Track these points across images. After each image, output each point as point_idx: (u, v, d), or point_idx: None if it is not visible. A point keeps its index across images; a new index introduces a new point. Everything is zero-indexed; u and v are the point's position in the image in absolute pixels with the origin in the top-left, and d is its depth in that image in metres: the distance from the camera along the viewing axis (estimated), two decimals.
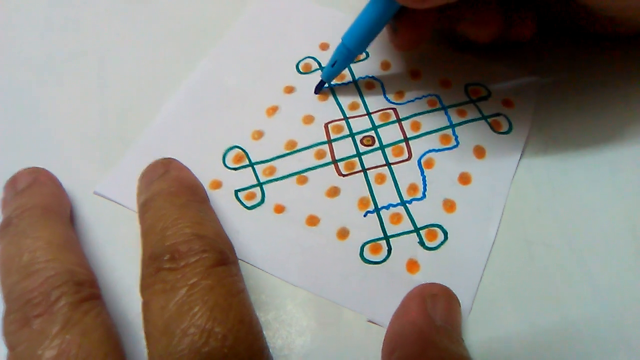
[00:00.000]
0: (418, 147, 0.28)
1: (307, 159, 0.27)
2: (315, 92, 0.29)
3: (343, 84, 0.30)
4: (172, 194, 0.23)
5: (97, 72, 0.31)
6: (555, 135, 0.28)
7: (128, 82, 0.30)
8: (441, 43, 0.31)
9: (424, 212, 0.26)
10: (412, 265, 0.24)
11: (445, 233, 0.25)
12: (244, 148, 0.28)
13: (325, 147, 0.28)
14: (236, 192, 0.26)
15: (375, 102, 0.29)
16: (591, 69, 0.30)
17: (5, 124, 0.29)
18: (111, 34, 0.33)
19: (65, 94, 0.30)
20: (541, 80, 0.30)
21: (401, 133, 0.28)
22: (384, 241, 0.25)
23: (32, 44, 0.32)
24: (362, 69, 0.30)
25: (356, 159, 0.27)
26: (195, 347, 0.18)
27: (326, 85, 0.29)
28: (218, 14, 0.33)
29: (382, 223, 0.25)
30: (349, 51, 0.28)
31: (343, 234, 0.25)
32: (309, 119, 0.29)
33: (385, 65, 0.31)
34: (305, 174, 0.27)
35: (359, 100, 0.29)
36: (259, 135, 0.28)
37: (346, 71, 0.30)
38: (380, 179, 0.27)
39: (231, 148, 0.28)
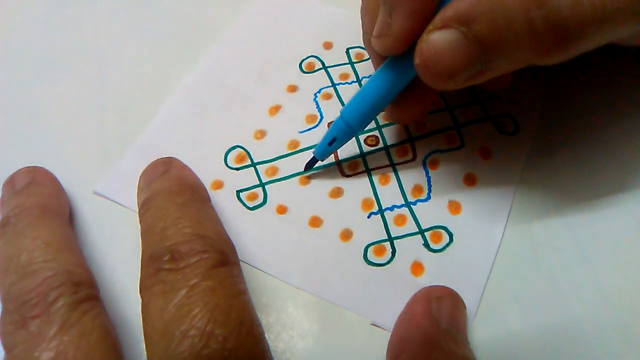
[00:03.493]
0: (423, 147, 0.27)
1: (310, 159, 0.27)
2: (305, 170, 0.26)
3: (347, 83, 0.30)
4: (172, 193, 0.22)
5: (96, 70, 0.31)
6: (562, 136, 0.27)
7: (128, 80, 0.30)
8: None
9: (428, 214, 0.25)
10: (417, 268, 0.24)
11: (451, 235, 0.25)
12: (246, 148, 0.27)
13: None
14: (238, 192, 0.26)
15: None
16: (599, 68, 0.29)
17: (4, 122, 0.29)
18: (111, 32, 0.32)
19: (64, 92, 0.30)
20: (548, 79, 0.29)
21: (406, 133, 0.28)
22: (388, 243, 0.24)
23: (32, 43, 0.32)
24: (365, 68, 0.30)
25: (360, 159, 0.27)
26: (195, 350, 0.17)
27: (318, 163, 0.26)
28: (219, 11, 0.33)
29: (386, 224, 0.25)
30: (350, 128, 0.25)
31: (346, 235, 0.25)
32: (312, 119, 0.28)
33: None
34: (308, 174, 0.26)
35: None
36: (261, 134, 0.28)
37: (350, 70, 0.30)
38: (385, 179, 0.26)
39: (233, 148, 0.27)
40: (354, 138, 0.27)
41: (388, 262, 0.24)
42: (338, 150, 0.27)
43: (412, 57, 0.21)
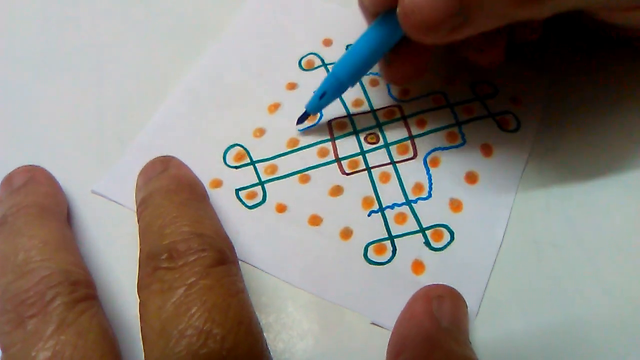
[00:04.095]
0: (424, 145, 0.27)
1: (310, 157, 0.27)
2: (298, 123, 0.27)
3: None
4: (170, 192, 0.22)
5: (95, 69, 0.31)
6: (564, 133, 0.27)
7: (126, 78, 0.30)
8: None
9: (429, 212, 0.25)
10: (418, 266, 0.24)
11: (452, 233, 0.24)
12: (245, 146, 0.27)
13: (329, 144, 0.27)
14: (237, 191, 0.26)
15: (380, 99, 0.29)
16: (602, 66, 0.29)
17: (1, 121, 0.29)
18: (109, 31, 0.32)
19: (63, 91, 0.30)
20: (550, 77, 0.29)
21: (406, 131, 0.27)
22: (389, 241, 0.24)
23: (30, 41, 0.32)
24: None
25: (360, 157, 0.27)
26: (193, 349, 0.17)
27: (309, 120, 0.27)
28: (217, 8, 0.33)
29: (387, 223, 0.25)
30: (341, 83, 0.26)
31: (346, 234, 0.25)
32: (311, 117, 0.28)
33: None
34: (307, 172, 0.26)
35: (363, 97, 0.29)
36: (260, 132, 0.28)
37: None
38: (385, 177, 0.26)
39: (232, 146, 0.27)
40: (354, 136, 0.27)
41: (388, 261, 0.24)
42: (338, 148, 0.27)
43: None
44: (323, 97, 0.26)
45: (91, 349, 0.18)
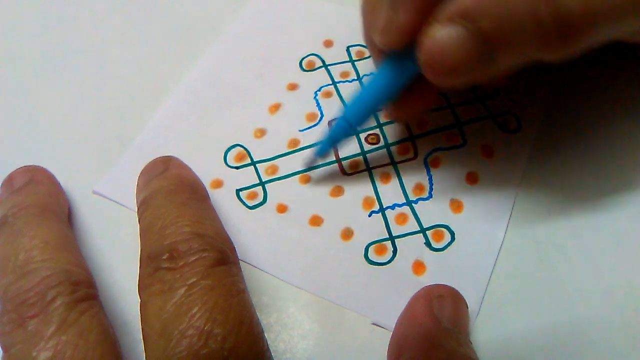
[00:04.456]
0: (424, 145, 0.27)
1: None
2: (305, 169, 0.26)
3: (347, 81, 0.29)
4: (171, 192, 0.22)
5: (95, 69, 0.31)
6: (564, 134, 0.27)
7: (127, 79, 0.30)
8: None
9: (430, 212, 0.25)
10: (418, 267, 0.24)
11: (452, 234, 0.24)
12: (245, 146, 0.27)
13: None
14: (237, 191, 0.26)
15: None
16: (603, 67, 0.29)
17: (2, 121, 0.29)
18: (109, 31, 0.32)
19: (63, 91, 0.30)
20: (551, 78, 0.29)
21: (407, 131, 0.27)
22: (389, 242, 0.24)
23: (30, 42, 0.32)
24: (366, 66, 0.30)
25: (360, 157, 0.27)
26: (194, 350, 0.17)
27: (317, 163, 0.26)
28: (218, 8, 0.33)
29: (387, 223, 0.25)
30: (352, 127, 0.25)
31: (347, 234, 0.25)
32: (312, 117, 0.28)
33: None
34: (308, 172, 0.26)
35: None
36: (261, 133, 0.28)
37: (350, 68, 0.30)
38: (386, 178, 0.26)
39: (232, 146, 0.27)
40: (355, 136, 0.27)
41: (389, 261, 0.24)
42: (339, 149, 0.27)
43: (414, 52, 0.21)
44: (333, 143, 0.25)
45: (92, 349, 0.18)
